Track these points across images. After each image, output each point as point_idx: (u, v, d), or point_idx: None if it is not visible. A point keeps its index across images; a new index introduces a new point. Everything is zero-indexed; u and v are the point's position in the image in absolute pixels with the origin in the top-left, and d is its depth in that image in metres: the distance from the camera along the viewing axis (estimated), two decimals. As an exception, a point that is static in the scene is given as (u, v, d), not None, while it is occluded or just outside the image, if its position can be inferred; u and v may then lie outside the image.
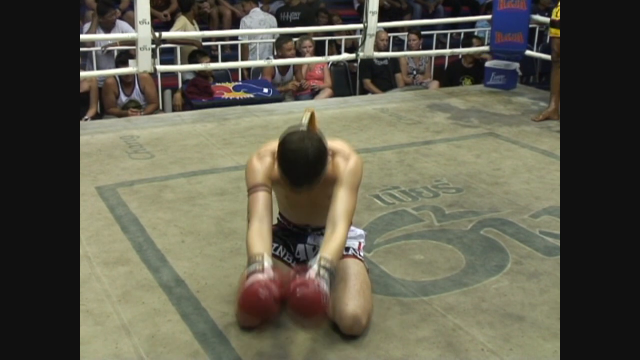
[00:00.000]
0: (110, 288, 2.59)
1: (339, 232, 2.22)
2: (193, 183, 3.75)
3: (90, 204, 3.39)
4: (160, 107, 5.90)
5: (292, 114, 5.33)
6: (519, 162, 4.24)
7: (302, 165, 2.12)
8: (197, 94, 5.74)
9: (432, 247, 3.03)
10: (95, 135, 4.63)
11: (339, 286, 2.32)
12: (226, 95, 5.83)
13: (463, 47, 7.05)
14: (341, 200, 2.26)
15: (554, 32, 5.10)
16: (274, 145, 2.28)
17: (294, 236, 2.56)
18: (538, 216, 3.37)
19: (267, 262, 2.10)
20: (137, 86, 5.66)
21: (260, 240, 2.19)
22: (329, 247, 2.17)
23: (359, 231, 2.62)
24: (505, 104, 5.80)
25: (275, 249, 2.46)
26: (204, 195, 3.57)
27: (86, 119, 5.41)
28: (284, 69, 6.19)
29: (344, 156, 2.34)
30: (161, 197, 3.52)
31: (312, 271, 2.05)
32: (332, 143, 2.34)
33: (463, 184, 3.81)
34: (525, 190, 3.73)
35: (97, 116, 5.63)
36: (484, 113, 5.47)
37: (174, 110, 5.84)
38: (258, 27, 7.06)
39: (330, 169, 2.27)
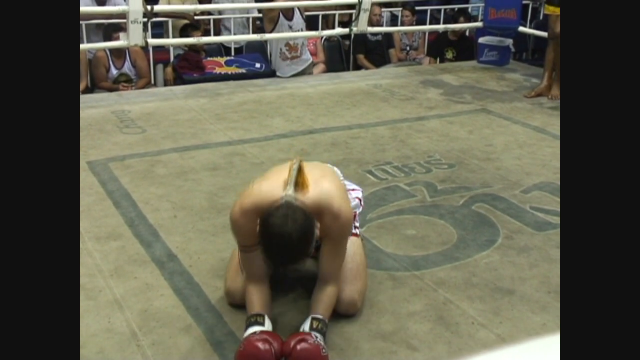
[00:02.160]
0: (102, 263, 2.60)
1: (330, 291, 2.18)
2: (185, 158, 3.74)
3: (81, 179, 3.37)
4: (152, 81, 5.86)
5: (285, 89, 5.32)
6: (510, 138, 4.24)
7: (287, 250, 1.99)
8: (189, 69, 5.70)
9: (424, 222, 3.04)
10: (86, 109, 4.60)
11: (325, 257, 2.28)
12: (218, 70, 5.79)
13: (446, 21, 7.03)
14: (331, 257, 2.19)
15: (551, 9, 5.08)
16: (256, 198, 2.10)
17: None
18: (529, 192, 3.39)
19: (268, 324, 2.11)
20: (128, 59, 5.62)
21: (260, 301, 2.17)
22: (320, 307, 2.16)
23: (355, 194, 2.52)
24: (498, 80, 5.79)
25: None
26: (196, 170, 3.56)
27: (77, 94, 5.37)
28: (289, 13, 5.97)
29: (333, 214, 2.10)
30: (153, 172, 3.51)
31: (308, 333, 2.07)
32: (320, 192, 2.12)
33: (455, 159, 3.82)
34: (517, 166, 3.74)
35: (88, 90, 5.59)
36: (476, 89, 5.46)
37: (165, 84, 5.81)
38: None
39: (318, 231, 2.12)
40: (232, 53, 6.41)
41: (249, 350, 2.00)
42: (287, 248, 1.98)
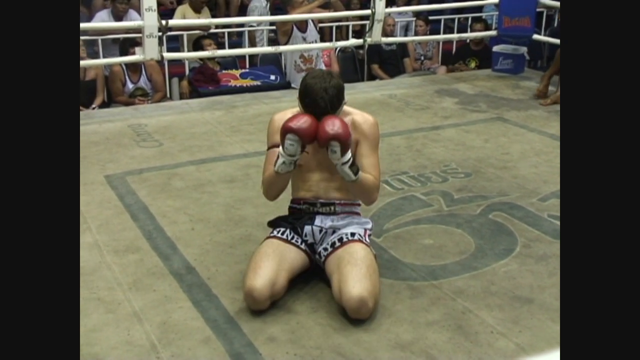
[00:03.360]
0: (121, 276, 2.61)
1: (370, 175, 2.47)
2: (202, 171, 3.76)
3: (99, 193, 3.40)
4: (168, 95, 5.91)
5: (299, 100, 5.33)
6: (527, 146, 4.23)
7: (322, 88, 2.34)
8: (204, 82, 5.74)
9: (441, 231, 3.03)
10: (103, 124, 4.65)
11: (345, 269, 2.34)
12: (233, 83, 5.82)
13: (460, 31, 7.03)
14: (367, 155, 2.50)
15: None
16: (295, 107, 2.49)
17: (302, 218, 2.57)
18: (546, 200, 3.37)
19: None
20: (144, 73, 5.67)
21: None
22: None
23: (366, 219, 2.64)
24: (513, 88, 5.77)
25: (282, 232, 2.54)
26: (213, 183, 3.58)
27: (93, 108, 5.43)
28: (302, 25, 6.01)
29: (362, 116, 2.54)
30: (170, 185, 3.53)
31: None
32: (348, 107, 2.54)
33: (472, 168, 3.81)
34: (534, 174, 3.72)
35: (104, 105, 5.64)
36: (492, 98, 5.45)
37: (181, 98, 5.84)
38: (265, 13, 7.04)
39: (348, 123, 2.42)
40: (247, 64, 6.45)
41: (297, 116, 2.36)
42: (323, 87, 2.35)
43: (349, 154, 2.36)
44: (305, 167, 2.53)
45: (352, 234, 2.49)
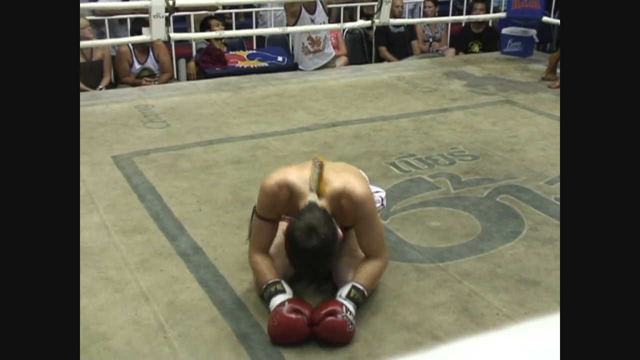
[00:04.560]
0: (129, 256, 2.62)
1: (374, 263, 2.28)
2: (209, 152, 3.76)
3: (106, 173, 3.41)
4: (175, 76, 5.90)
5: (307, 82, 5.32)
6: (535, 129, 4.21)
7: (311, 261, 2.12)
8: (211, 63, 5.72)
9: (448, 214, 3.03)
10: (110, 104, 4.65)
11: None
12: (240, 64, 5.81)
13: (468, 12, 6.97)
14: (367, 237, 2.28)
15: None
16: (294, 179, 2.23)
17: None
18: (554, 183, 3.36)
19: (289, 290, 2.20)
20: (151, 54, 5.66)
21: (271, 268, 2.27)
22: (363, 275, 2.24)
23: (378, 194, 2.58)
24: (522, 71, 5.74)
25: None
26: (220, 164, 3.58)
27: (101, 88, 5.42)
28: (311, 7, 5.90)
29: (356, 203, 2.21)
30: (177, 166, 3.54)
31: (340, 304, 2.14)
32: (342, 183, 2.22)
33: (479, 151, 3.79)
34: (541, 157, 3.71)
35: (111, 85, 5.64)
36: (500, 80, 5.42)
37: (188, 79, 5.84)
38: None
39: (338, 216, 2.20)
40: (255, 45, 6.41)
41: (283, 322, 2.08)
42: (312, 261, 2.11)
43: (350, 307, 2.15)
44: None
45: None
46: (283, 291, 2.18)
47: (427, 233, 2.85)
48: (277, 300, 2.15)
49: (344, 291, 2.19)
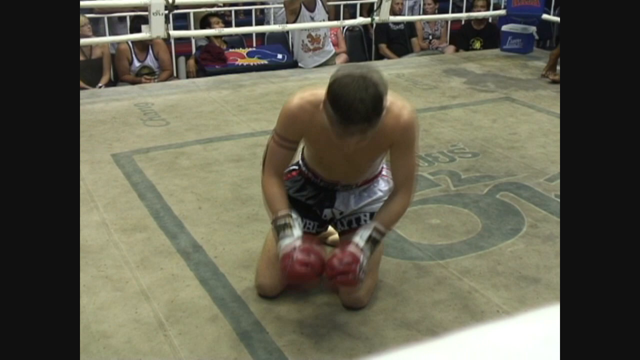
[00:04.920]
0: (129, 254, 2.62)
1: (399, 201, 2.18)
2: (209, 150, 3.76)
3: (106, 172, 3.41)
4: (174, 74, 5.90)
5: (307, 80, 5.31)
6: (535, 126, 4.21)
7: (359, 102, 1.82)
8: (211, 61, 5.72)
9: (448, 211, 3.03)
10: (109, 102, 4.64)
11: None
12: (240, 62, 5.80)
13: (468, 10, 6.96)
14: (400, 164, 2.15)
15: None
16: (319, 92, 2.02)
17: (319, 198, 2.37)
18: (554, 180, 3.36)
19: (298, 225, 2.13)
20: (151, 52, 5.65)
21: (284, 197, 2.20)
22: (385, 217, 2.17)
23: (387, 180, 2.41)
24: (522, 68, 5.74)
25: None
26: (220, 162, 3.58)
27: (100, 86, 5.42)
28: (311, 4, 5.92)
29: (395, 115, 2.05)
30: (177, 164, 3.54)
31: (357, 247, 2.07)
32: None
33: (479, 148, 3.79)
34: (541, 154, 3.71)
35: (111, 83, 5.64)
36: (500, 77, 5.42)
37: (187, 77, 5.83)
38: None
39: (380, 127, 1.97)
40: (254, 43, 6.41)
41: (293, 274, 2.04)
42: (360, 100, 1.83)
43: (366, 252, 2.09)
44: (326, 159, 2.26)
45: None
46: (291, 229, 2.09)
47: (427, 230, 2.85)
48: (287, 242, 2.07)
49: (365, 234, 2.11)
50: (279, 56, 5.95)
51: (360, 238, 2.10)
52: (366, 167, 2.27)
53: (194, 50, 6.03)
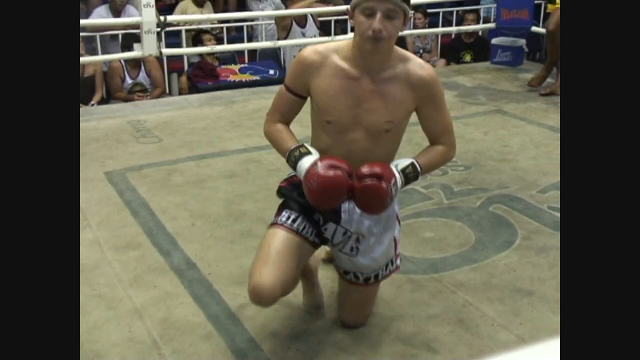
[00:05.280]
0: (122, 272, 2.62)
1: (441, 149, 2.11)
2: (202, 166, 3.76)
3: (99, 189, 3.40)
4: (167, 90, 5.90)
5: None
6: (526, 138, 4.23)
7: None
8: (203, 77, 5.73)
9: (441, 224, 3.03)
10: (102, 120, 4.64)
11: (350, 297, 2.21)
12: (232, 78, 5.82)
13: (459, 23, 7.02)
14: (436, 122, 2.09)
15: (551, 7, 5.09)
16: (332, 44, 2.06)
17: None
18: (546, 191, 3.37)
19: (314, 151, 2.01)
20: (143, 69, 5.66)
21: (292, 137, 2.09)
22: (424, 158, 2.07)
23: (396, 212, 2.19)
24: (512, 80, 5.77)
25: (293, 221, 2.06)
26: (213, 178, 3.58)
27: (93, 104, 5.42)
28: (302, 20, 6.01)
29: (419, 65, 2.03)
30: (170, 181, 3.53)
31: (391, 173, 1.95)
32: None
33: (471, 161, 3.81)
34: (533, 166, 3.73)
35: (103, 101, 5.64)
36: (491, 90, 5.45)
37: (180, 93, 5.84)
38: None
39: (402, 77, 1.99)
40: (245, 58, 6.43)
41: (323, 182, 1.88)
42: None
43: (399, 181, 1.98)
44: (337, 125, 2.03)
45: (376, 276, 2.18)
46: (309, 153, 1.98)
47: (421, 244, 2.85)
48: (306, 162, 1.95)
49: (402, 163, 2.02)
50: (271, 72, 5.97)
51: (395, 165, 2.01)
52: (383, 132, 2.04)
53: (186, 67, 6.05)
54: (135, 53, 5.05)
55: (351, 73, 1.99)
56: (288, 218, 2.06)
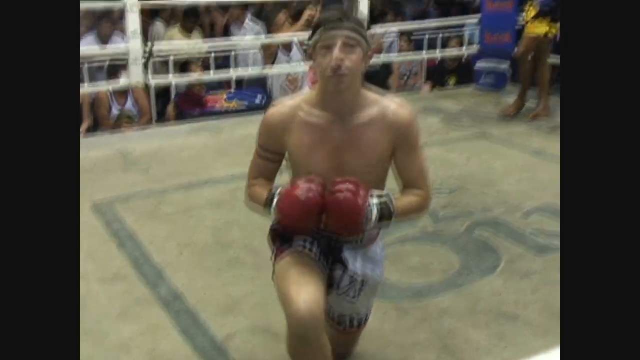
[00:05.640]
0: (108, 305, 2.62)
1: (416, 193, 1.97)
2: (189, 195, 3.78)
3: (86, 220, 3.41)
4: (154, 118, 5.92)
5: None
6: (510, 162, 4.28)
7: (339, 9, 1.89)
8: (190, 105, 5.77)
9: (427, 250, 3.06)
10: (91, 150, 4.64)
11: (339, 343, 2.11)
12: (219, 106, 5.86)
13: (444, 46, 7.10)
14: (410, 163, 1.97)
15: (533, 30, 5.16)
16: (297, 97, 1.98)
17: (328, 250, 1.99)
18: (529, 215, 3.41)
19: None
20: (130, 98, 5.68)
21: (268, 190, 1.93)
22: (399, 201, 1.90)
23: (381, 249, 2.14)
24: (496, 104, 5.83)
25: (309, 246, 1.95)
26: (200, 207, 3.60)
27: (80, 133, 5.43)
28: (286, 46, 6.05)
29: (394, 109, 1.93)
30: (158, 211, 3.55)
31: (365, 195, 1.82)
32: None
33: (456, 185, 3.85)
34: (517, 191, 3.77)
35: (91, 130, 5.65)
36: (475, 114, 5.51)
37: (167, 121, 5.86)
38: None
39: (377, 119, 1.90)
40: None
41: (294, 193, 1.80)
42: (340, 7, 1.91)
43: (374, 206, 1.84)
44: (314, 168, 1.92)
45: (363, 319, 2.16)
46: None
47: (406, 270, 2.88)
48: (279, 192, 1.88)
49: (375, 192, 1.86)
50: (258, 98, 6.01)
51: (369, 194, 1.84)
52: (363, 176, 1.90)
53: (173, 95, 6.07)
54: (122, 82, 5.08)
55: (322, 122, 1.89)
56: (304, 242, 1.94)
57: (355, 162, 1.91)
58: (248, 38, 6.47)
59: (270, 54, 5.86)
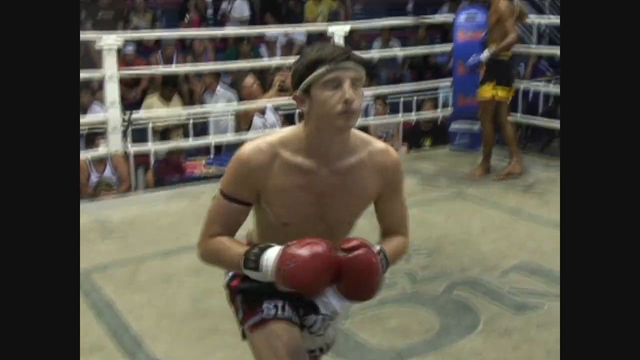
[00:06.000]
0: (87, 376, 2.59)
1: (400, 239, 1.91)
2: (168, 263, 3.77)
3: (65, 291, 3.39)
4: (133, 185, 5.93)
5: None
6: (486, 221, 4.33)
7: (337, 46, 1.75)
8: (169, 172, 5.80)
9: (406, 312, 3.07)
10: (68, 219, 4.65)
11: None
12: (198, 171, 5.89)
13: (419, 108, 7.27)
14: (395, 209, 1.90)
15: (482, 94, 5.36)
16: (274, 137, 1.79)
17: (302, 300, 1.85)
18: (507, 274, 3.45)
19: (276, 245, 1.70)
20: (109, 165, 5.70)
21: (241, 244, 1.79)
22: (388, 245, 1.84)
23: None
24: (472, 164, 5.91)
25: (282, 309, 1.82)
26: (179, 275, 3.59)
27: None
28: (261, 110, 6.15)
29: (382, 151, 1.83)
30: (136, 279, 3.54)
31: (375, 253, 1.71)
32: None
33: (434, 246, 3.88)
34: (494, 250, 3.81)
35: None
36: (451, 174, 5.58)
37: (146, 188, 5.88)
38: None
39: (365, 161, 1.80)
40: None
41: (303, 258, 1.61)
42: (334, 44, 1.78)
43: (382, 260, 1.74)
44: (296, 226, 1.77)
45: (332, 343, 2.04)
46: (271, 246, 1.69)
47: (387, 332, 2.88)
48: (272, 252, 1.67)
49: (375, 245, 1.78)
50: (237, 163, 6.04)
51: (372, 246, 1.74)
52: (346, 224, 1.88)
53: (152, 162, 6.11)
54: (101, 151, 5.11)
55: (307, 167, 1.74)
56: (276, 308, 1.82)
57: (342, 207, 1.81)
58: (220, 105, 6.58)
59: (246, 120, 5.95)
